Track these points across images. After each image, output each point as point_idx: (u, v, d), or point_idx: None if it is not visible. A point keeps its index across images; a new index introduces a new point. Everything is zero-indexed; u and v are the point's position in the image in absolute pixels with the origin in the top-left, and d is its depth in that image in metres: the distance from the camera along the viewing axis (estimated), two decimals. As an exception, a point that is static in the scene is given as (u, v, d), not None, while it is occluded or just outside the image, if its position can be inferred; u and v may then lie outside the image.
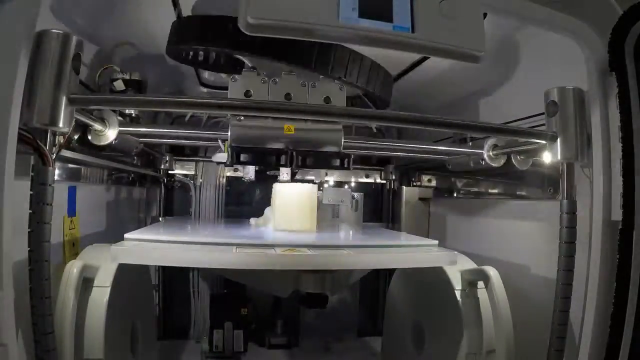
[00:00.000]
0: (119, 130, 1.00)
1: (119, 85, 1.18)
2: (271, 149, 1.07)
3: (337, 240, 1.17)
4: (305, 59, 0.97)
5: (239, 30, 0.72)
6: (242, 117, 1.04)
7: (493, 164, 1.19)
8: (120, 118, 1.06)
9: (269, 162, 1.08)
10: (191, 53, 1.10)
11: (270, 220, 1.26)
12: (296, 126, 1.05)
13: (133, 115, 1.21)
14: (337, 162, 1.11)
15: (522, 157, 1.14)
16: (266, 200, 1.83)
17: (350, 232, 1.47)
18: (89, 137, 0.97)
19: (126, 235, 0.92)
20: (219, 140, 1.17)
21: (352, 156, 1.13)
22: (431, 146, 1.37)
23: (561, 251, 0.93)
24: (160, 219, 1.71)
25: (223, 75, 1.18)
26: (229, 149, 1.06)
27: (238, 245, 0.93)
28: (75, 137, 0.96)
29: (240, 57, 1.06)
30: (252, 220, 1.37)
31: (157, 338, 1.60)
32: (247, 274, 1.16)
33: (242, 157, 1.05)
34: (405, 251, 1.03)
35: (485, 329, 1.03)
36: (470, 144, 1.37)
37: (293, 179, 1.25)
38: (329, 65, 0.99)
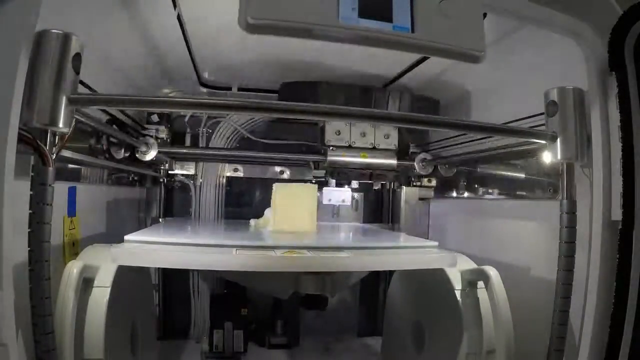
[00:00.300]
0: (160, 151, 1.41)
1: (155, 118, 1.57)
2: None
3: (337, 241, 1.17)
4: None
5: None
6: (334, 148, 1.59)
7: (422, 172, 1.67)
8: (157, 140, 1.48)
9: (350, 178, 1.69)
10: None
11: (270, 221, 1.26)
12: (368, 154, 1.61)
13: (165, 138, 1.59)
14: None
15: (446, 166, 1.65)
16: (266, 200, 1.83)
17: (350, 233, 1.47)
18: (137, 156, 1.41)
19: (126, 237, 0.92)
20: (311, 162, 1.67)
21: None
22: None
23: (561, 251, 0.93)
24: (161, 219, 1.71)
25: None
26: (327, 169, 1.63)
27: (238, 247, 0.93)
28: (127, 154, 1.36)
29: None
30: (252, 222, 1.37)
31: (157, 338, 1.60)
32: (247, 276, 1.16)
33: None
34: (405, 253, 1.03)
35: (485, 329, 1.03)
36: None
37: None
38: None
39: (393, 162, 1.63)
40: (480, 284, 1.05)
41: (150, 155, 1.42)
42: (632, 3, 0.85)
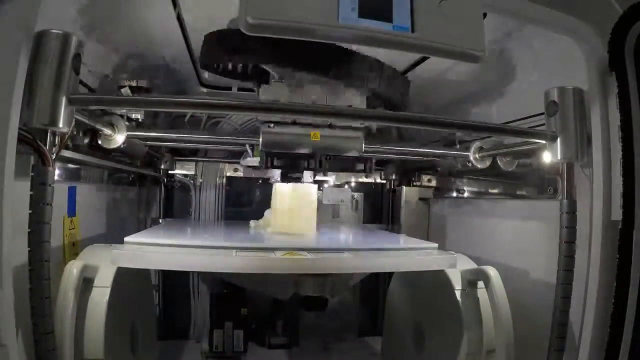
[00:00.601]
0: (128, 135, 1.10)
1: (126, 92, 1.21)
2: (300, 154, 1.17)
3: (336, 243, 1.17)
4: (329, 69, 1.05)
5: (269, 42, 0.73)
6: (273, 125, 1.11)
7: (479, 166, 1.31)
8: (127, 123, 1.13)
9: (298, 166, 1.21)
10: (220, 65, 1.14)
11: (270, 222, 1.26)
12: (321, 133, 1.13)
13: (139, 120, 1.25)
14: (361, 167, 1.26)
15: (507, 158, 1.27)
16: (266, 200, 1.83)
17: (350, 234, 1.47)
18: (99, 141, 1.08)
19: (126, 239, 0.92)
20: (247, 145, 1.32)
21: (374, 160, 1.23)
22: (421, 149, 1.47)
23: (561, 251, 0.93)
24: (160, 220, 1.71)
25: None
26: (262, 153, 1.15)
27: (238, 248, 0.92)
28: (85, 141, 1.07)
29: (267, 68, 1.10)
30: (252, 223, 1.37)
31: (157, 338, 1.60)
32: (247, 277, 1.16)
33: (276, 162, 1.18)
34: (405, 255, 1.03)
35: (485, 329, 1.03)
36: (458, 146, 1.46)
37: (316, 181, 1.32)
38: (351, 74, 1.08)
39: (358, 144, 1.16)
40: (481, 283, 1.05)
41: (118, 140, 1.08)
42: (632, 3, 0.85)
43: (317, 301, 1.08)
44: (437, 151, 1.49)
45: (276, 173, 1.32)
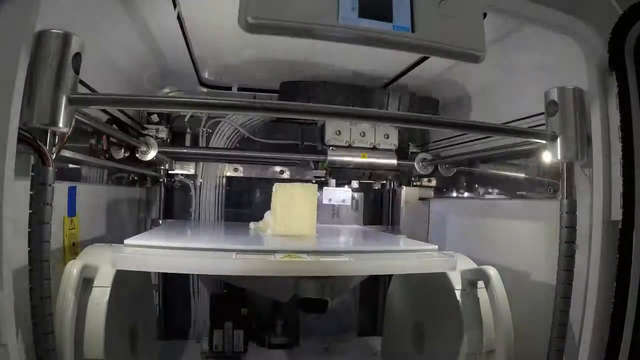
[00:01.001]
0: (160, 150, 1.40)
1: (155, 118, 1.57)
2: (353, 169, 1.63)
3: (336, 245, 1.16)
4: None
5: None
6: (334, 148, 1.58)
7: (422, 172, 1.71)
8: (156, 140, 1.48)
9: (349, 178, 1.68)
10: None
11: (270, 224, 1.26)
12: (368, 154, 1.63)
13: (164, 138, 1.59)
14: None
15: (447, 166, 1.66)
16: (266, 200, 1.83)
17: (350, 236, 1.47)
18: (137, 155, 1.41)
19: (126, 241, 0.92)
20: (310, 162, 1.67)
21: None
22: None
23: (561, 251, 0.93)
24: (160, 221, 1.71)
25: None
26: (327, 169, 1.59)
27: (238, 251, 0.92)
28: (127, 154, 1.37)
29: None
30: (252, 225, 1.37)
31: (157, 338, 1.60)
32: (246, 279, 1.16)
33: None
34: (405, 257, 1.03)
35: (485, 329, 1.03)
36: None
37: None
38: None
39: (393, 161, 1.64)
40: (481, 283, 1.05)
41: (151, 155, 1.43)
42: (632, 3, 0.85)
43: (317, 303, 1.08)
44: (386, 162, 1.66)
45: (332, 181, 1.65)
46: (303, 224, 1.21)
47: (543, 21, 0.96)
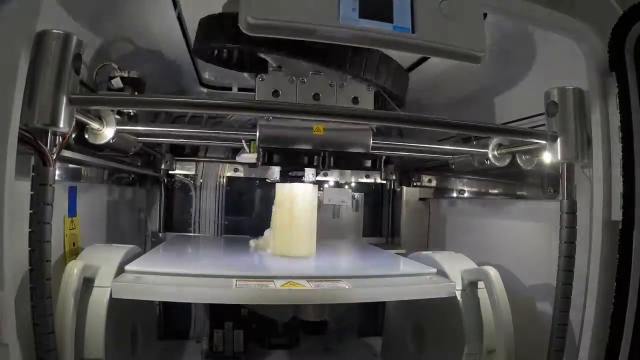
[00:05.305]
0: (118, 129, 0.99)
1: (117, 83, 1.12)
2: (301, 149, 1.06)
3: (336, 269, 1.15)
4: (339, 61, 0.96)
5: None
6: (271, 117, 1.02)
7: (497, 164, 1.17)
8: (117, 117, 1.03)
9: (299, 163, 1.07)
10: (216, 52, 1.08)
11: (269, 243, 1.26)
12: (325, 126, 1.04)
13: (131, 113, 1.15)
14: (369, 163, 1.11)
15: (526, 156, 1.13)
16: (266, 199, 1.84)
17: (349, 257, 1.45)
18: (87, 136, 0.97)
19: (127, 267, 0.92)
20: (243, 141, 1.14)
21: (383, 157, 1.13)
22: (436, 145, 1.33)
23: (561, 251, 0.93)
24: (160, 234, 1.72)
25: (245, 75, 1.13)
26: (258, 149, 1.04)
27: (238, 277, 0.93)
28: (73, 135, 0.94)
29: (265, 57, 1.03)
30: (252, 243, 1.37)
31: (157, 338, 1.60)
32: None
33: (275, 158, 1.05)
34: (404, 283, 1.03)
35: (485, 329, 1.03)
36: (475, 142, 1.35)
37: (317, 181, 1.24)
38: (362, 67, 0.98)
39: (367, 139, 1.08)
40: (481, 284, 1.05)
41: (107, 135, 0.98)
42: (632, 3, 0.86)
43: (317, 325, 1.06)
44: (451, 148, 1.33)
45: (275, 171, 1.24)
46: (302, 246, 1.19)
47: (543, 22, 0.96)
